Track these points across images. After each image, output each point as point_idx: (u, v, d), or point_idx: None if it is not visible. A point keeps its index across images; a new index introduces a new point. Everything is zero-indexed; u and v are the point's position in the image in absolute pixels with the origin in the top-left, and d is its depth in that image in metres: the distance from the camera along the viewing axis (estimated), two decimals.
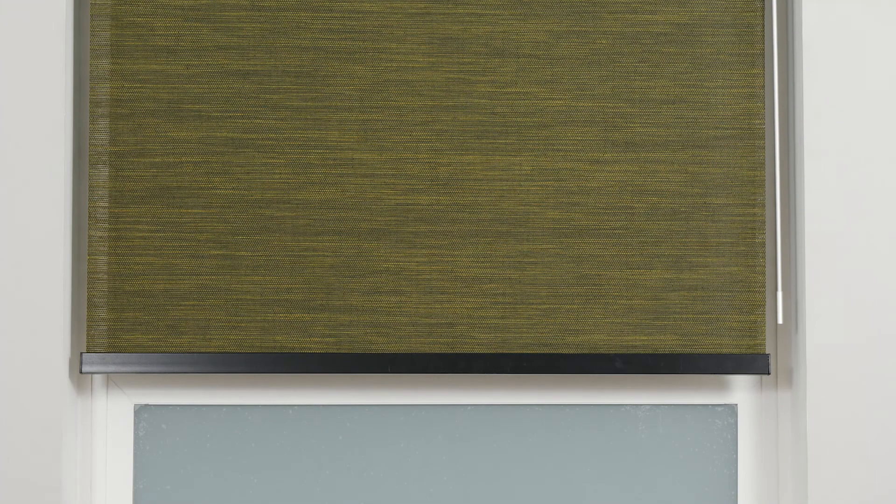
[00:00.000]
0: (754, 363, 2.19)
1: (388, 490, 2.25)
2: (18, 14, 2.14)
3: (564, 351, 2.19)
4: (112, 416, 2.24)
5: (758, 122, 2.22)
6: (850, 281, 2.17)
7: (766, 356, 2.18)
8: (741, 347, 2.20)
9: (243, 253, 2.19)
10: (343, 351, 2.18)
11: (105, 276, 2.18)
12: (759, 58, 2.23)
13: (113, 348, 2.17)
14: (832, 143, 2.18)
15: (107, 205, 2.18)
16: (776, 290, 2.22)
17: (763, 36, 2.23)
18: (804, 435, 2.18)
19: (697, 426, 2.28)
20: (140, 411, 2.25)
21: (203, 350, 2.17)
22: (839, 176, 2.18)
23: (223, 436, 2.25)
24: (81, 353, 2.16)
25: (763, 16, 2.23)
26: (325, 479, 2.25)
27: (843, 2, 2.19)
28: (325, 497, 2.25)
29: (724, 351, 2.20)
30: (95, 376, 2.23)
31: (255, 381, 2.24)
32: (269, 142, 2.19)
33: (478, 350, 2.19)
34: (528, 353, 2.19)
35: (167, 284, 2.18)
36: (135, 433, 2.24)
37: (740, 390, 2.27)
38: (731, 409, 2.28)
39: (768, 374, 2.17)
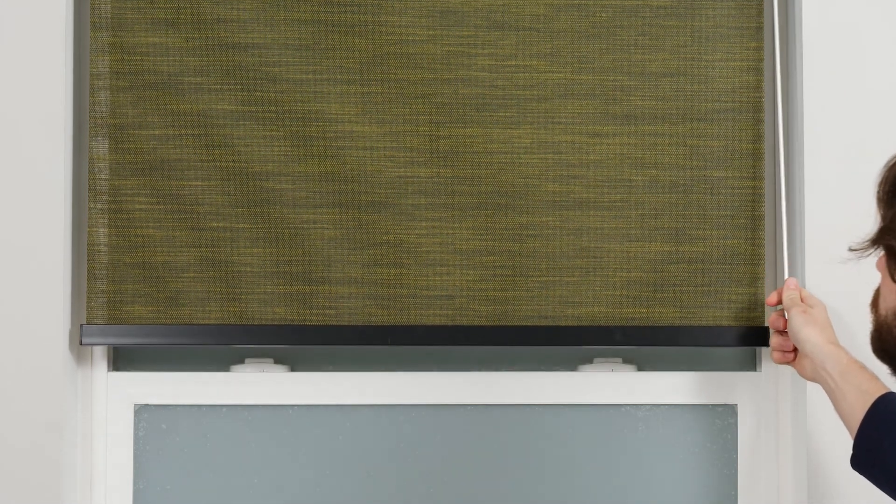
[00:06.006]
0: (754, 336, 2.20)
1: (388, 490, 2.25)
2: None
3: (564, 323, 2.19)
4: (112, 416, 2.23)
5: (757, 95, 2.23)
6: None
7: (766, 329, 2.18)
8: (740, 320, 2.20)
9: (243, 225, 2.19)
10: (343, 323, 2.18)
11: (105, 249, 2.18)
12: (758, 31, 2.23)
13: (113, 320, 2.17)
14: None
15: (107, 177, 2.18)
16: (781, 269, 2.21)
17: (762, 9, 2.23)
18: (804, 435, 2.17)
19: (697, 426, 2.28)
20: (140, 411, 2.25)
21: (203, 322, 2.18)
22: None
23: (223, 436, 2.25)
24: (82, 325, 2.17)
25: None
26: (325, 479, 2.25)
27: None
28: (325, 497, 2.24)
29: (724, 324, 2.20)
30: (96, 377, 2.22)
31: (255, 380, 2.23)
32: (269, 114, 2.19)
33: (477, 322, 2.19)
34: (527, 326, 2.19)
35: (167, 256, 2.18)
36: (135, 433, 2.24)
37: (740, 390, 2.26)
38: (731, 409, 2.28)
39: (767, 345, 2.17)
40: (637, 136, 2.21)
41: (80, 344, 2.16)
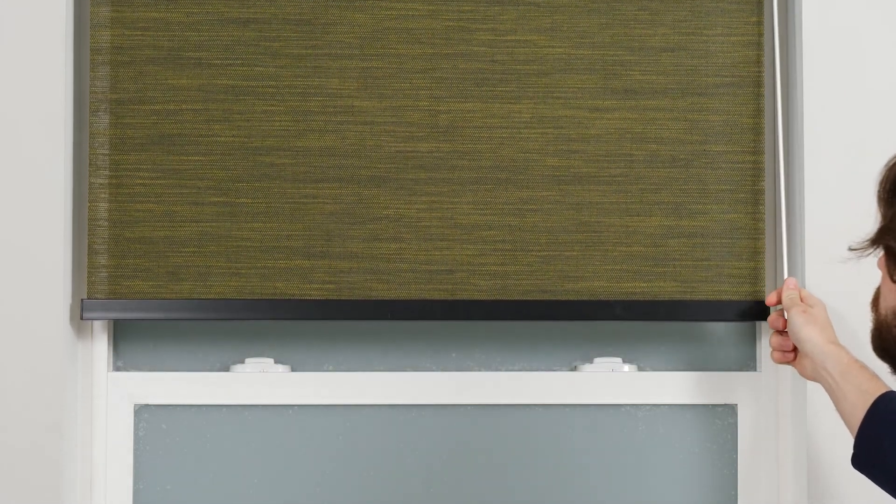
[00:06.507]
0: (754, 310, 2.19)
1: (388, 490, 2.24)
2: None
3: (564, 297, 2.19)
4: (112, 416, 2.23)
5: (757, 69, 2.22)
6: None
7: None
8: (741, 294, 2.20)
9: (243, 200, 2.19)
10: (343, 297, 2.18)
11: (105, 223, 2.18)
12: (758, 5, 2.23)
13: (114, 295, 2.17)
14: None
15: (107, 152, 2.19)
16: (780, 261, 2.21)
17: None
18: (804, 435, 2.17)
19: (697, 426, 2.27)
20: (140, 411, 2.25)
21: (203, 297, 2.18)
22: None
23: (223, 436, 2.25)
24: (82, 300, 2.17)
25: None
26: (325, 479, 2.24)
27: None
28: (325, 497, 2.24)
29: (724, 298, 2.20)
30: (96, 376, 2.23)
31: (255, 380, 2.23)
32: (269, 89, 2.20)
33: (477, 297, 2.19)
34: (527, 300, 2.19)
35: (167, 231, 2.18)
36: (135, 433, 2.24)
37: (740, 390, 2.26)
38: (731, 409, 2.27)
39: (767, 320, 2.16)
40: (637, 110, 2.21)
41: (81, 318, 2.17)
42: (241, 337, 2.26)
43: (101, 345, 2.23)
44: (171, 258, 2.18)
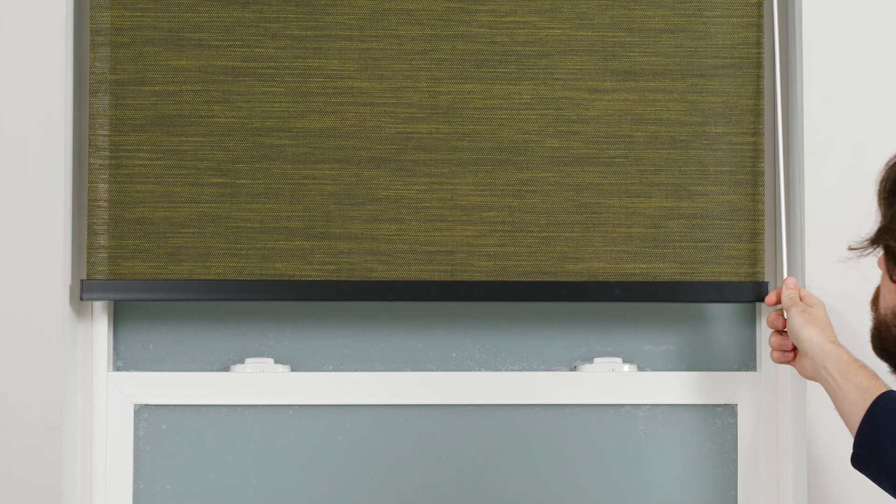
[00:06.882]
0: (754, 291, 2.20)
1: (388, 490, 2.24)
2: None
3: (564, 279, 2.20)
4: (112, 416, 2.23)
5: (757, 51, 2.22)
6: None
7: (766, 284, 2.19)
8: (740, 276, 2.20)
9: (243, 181, 2.19)
10: (343, 278, 2.18)
11: (105, 204, 2.18)
12: None
13: (113, 276, 2.17)
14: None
15: (107, 133, 2.19)
16: (780, 261, 2.21)
17: None
18: (804, 435, 2.17)
19: (697, 426, 2.27)
20: (140, 411, 2.25)
21: (203, 277, 2.18)
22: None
23: (223, 436, 2.25)
24: (82, 281, 2.17)
25: None
26: (325, 479, 2.25)
27: None
28: (325, 497, 2.24)
29: (724, 279, 2.20)
30: (96, 376, 2.23)
31: (255, 380, 2.23)
32: (269, 70, 2.20)
33: (477, 278, 2.19)
34: (527, 281, 2.19)
35: (167, 212, 2.18)
36: (135, 433, 2.24)
37: (740, 390, 2.26)
38: (731, 409, 2.27)
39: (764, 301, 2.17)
40: (637, 91, 2.21)
41: (81, 299, 2.17)
42: (241, 336, 2.26)
43: (101, 326, 2.23)
44: (170, 239, 2.18)
